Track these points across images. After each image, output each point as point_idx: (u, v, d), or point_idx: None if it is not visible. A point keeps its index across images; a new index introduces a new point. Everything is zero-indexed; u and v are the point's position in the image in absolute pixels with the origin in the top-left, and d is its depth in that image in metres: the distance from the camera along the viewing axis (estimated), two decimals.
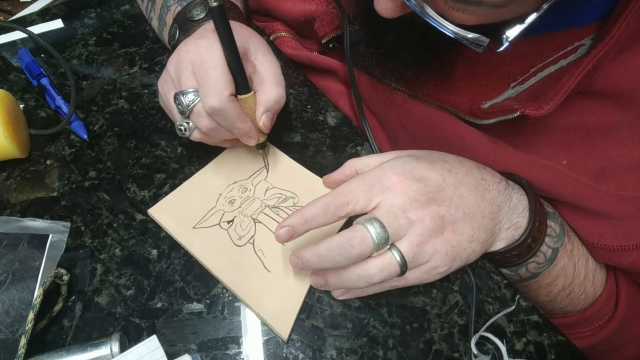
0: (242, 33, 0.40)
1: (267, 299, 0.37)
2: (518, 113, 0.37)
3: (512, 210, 0.37)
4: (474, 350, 0.34)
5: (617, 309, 0.41)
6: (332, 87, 0.53)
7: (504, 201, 0.37)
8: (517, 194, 0.38)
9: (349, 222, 0.37)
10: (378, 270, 0.32)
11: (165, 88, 0.40)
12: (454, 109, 0.43)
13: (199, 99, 0.37)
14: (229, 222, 0.41)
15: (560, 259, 0.39)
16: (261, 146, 0.42)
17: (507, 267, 0.40)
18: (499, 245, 0.38)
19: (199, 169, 0.44)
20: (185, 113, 0.38)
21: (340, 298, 0.37)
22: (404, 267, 0.33)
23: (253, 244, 0.40)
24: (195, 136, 0.40)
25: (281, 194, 0.43)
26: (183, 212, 0.41)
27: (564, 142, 0.39)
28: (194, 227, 0.40)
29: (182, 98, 0.37)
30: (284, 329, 0.35)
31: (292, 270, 0.38)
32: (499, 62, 0.41)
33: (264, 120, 0.39)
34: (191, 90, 0.37)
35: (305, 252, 0.34)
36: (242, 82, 0.37)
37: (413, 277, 0.34)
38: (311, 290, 0.38)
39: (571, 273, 0.40)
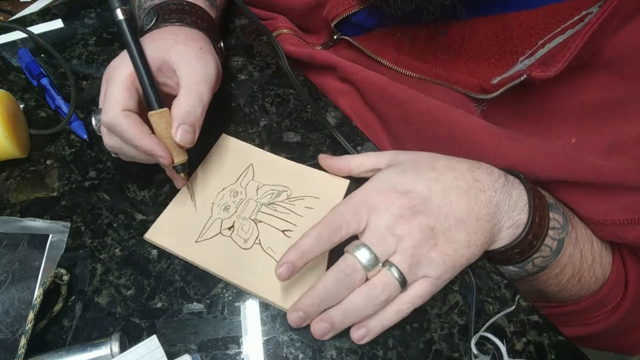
0: (165, 41, 0.38)
1: (289, 292, 0.37)
2: (524, 77, 0.36)
3: (513, 207, 0.37)
4: (474, 350, 0.34)
5: (627, 289, 0.41)
6: (331, 85, 0.53)
7: (503, 199, 0.37)
8: (517, 189, 0.38)
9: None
10: (381, 288, 0.33)
11: None
12: (464, 88, 0.43)
13: None
14: (229, 228, 0.41)
15: (566, 249, 0.38)
16: (181, 169, 0.38)
17: (511, 264, 0.39)
18: (500, 244, 0.38)
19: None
20: (97, 131, 0.38)
21: (363, 342, 0.35)
22: (401, 279, 0.33)
23: (260, 243, 0.40)
24: (120, 156, 0.40)
25: (273, 189, 0.43)
26: (181, 229, 0.40)
27: (572, 120, 0.39)
28: (196, 242, 0.40)
29: (92, 117, 0.37)
30: None
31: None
32: (507, 37, 0.40)
33: (179, 136, 0.35)
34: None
35: (304, 300, 0.34)
36: (151, 98, 0.36)
37: (422, 290, 0.34)
38: None
39: (579, 259, 0.39)
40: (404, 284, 0.33)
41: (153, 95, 0.36)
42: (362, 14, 0.48)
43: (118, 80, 0.35)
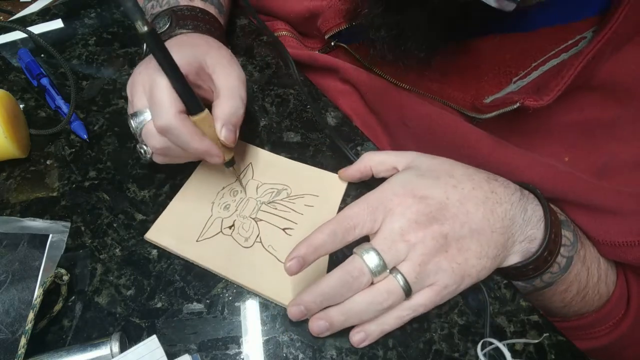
0: (197, 46, 0.39)
1: (290, 289, 0.37)
2: (518, 104, 0.36)
3: (527, 222, 0.36)
4: (481, 357, 0.34)
5: (629, 305, 0.41)
6: (332, 86, 0.53)
7: (518, 214, 0.36)
8: (531, 204, 0.37)
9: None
10: (385, 295, 0.32)
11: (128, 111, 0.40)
12: (456, 104, 0.43)
13: (149, 119, 0.36)
14: (230, 227, 0.41)
15: (574, 266, 0.38)
16: (229, 164, 0.41)
17: (521, 279, 0.39)
18: (513, 259, 0.37)
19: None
20: (137, 134, 0.37)
21: (361, 345, 0.35)
22: (407, 288, 0.32)
23: (261, 242, 0.40)
24: (156, 159, 0.39)
25: (273, 188, 0.43)
26: (181, 229, 0.40)
27: (565, 139, 0.39)
28: (197, 241, 0.40)
29: (131, 120, 0.37)
30: None
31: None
32: (501, 58, 0.40)
33: (224, 134, 0.37)
34: (144, 110, 0.37)
35: (306, 295, 0.34)
36: (191, 103, 0.36)
37: (425, 299, 0.34)
38: None
39: (585, 277, 0.39)
40: (409, 292, 0.33)
41: (193, 100, 0.36)
42: (352, 30, 0.49)
43: (162, 84, 0.35)
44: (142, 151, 0.39)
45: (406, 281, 0.32)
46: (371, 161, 0.41)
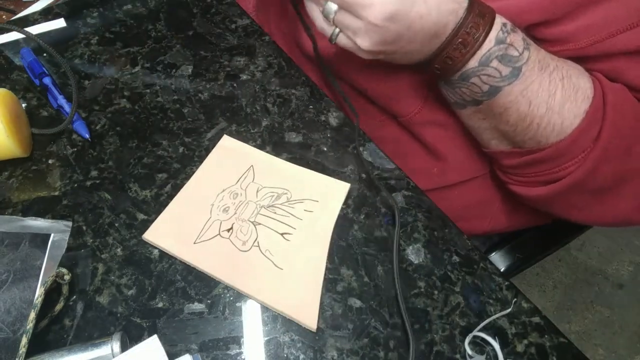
0: None
1: (286, 295, 0.37)
2: None
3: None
4: (469, 350, 0.34)
5: (600, 137, 0.38)
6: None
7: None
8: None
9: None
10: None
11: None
12: None
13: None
14: (228, 230, 0.41)
15: (515, 85, 0.37)
16: None
17: (448, 81, 0.39)
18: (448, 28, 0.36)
19: None
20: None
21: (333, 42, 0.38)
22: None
23: (258, 246, 0.40)
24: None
25: (273, 192, 0.43)
26: (179, 230, 0.40)
27: None
28: (194, 243, 0.40)
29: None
30: (310, 320, 0.36)
31: (304, 262, 0.39)
32: None
33: None
34: None
35: None
36: None
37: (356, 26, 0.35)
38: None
39: (527, 105, 0.38)
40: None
41: None
42: None
43: None
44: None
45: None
46: None
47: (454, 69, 0.37)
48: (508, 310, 0.37)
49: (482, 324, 0.36)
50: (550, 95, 0.38)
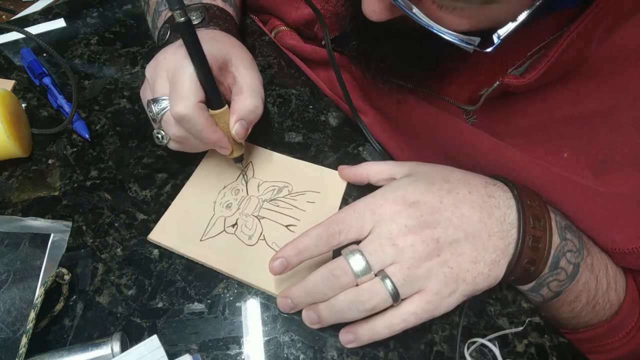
0: (225, 43, 0.39)
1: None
2: (497, 83, 0.36)
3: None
4: (469, 358, 0.34)
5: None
6: (334, 79, 0.52)
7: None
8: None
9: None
10: (368, 296, 0.32)
11: (143, 95, 0.40)
12: (453, 99, 0.43)
13: (169, 107, 0.36)
14: (233, 225, 0.41)
15: (582, 274, 0.37)
16: (238, 160, 0.42)
17: (521, 285, 0.38)
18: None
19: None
20: (156, 120, 0.37)
21: (350, 346, 0.35)
22: (394, 292, 0.32)
23: (265, 239, 0.40)
24: (172, 145, 0.39)
25: (274, 186, 0.44)
26: (184, 229, 0.40)
27: (564, 133, 0.38)
28: (201, 240, 0.40)
29: (152, 106, 0.37)
30: None
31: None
32: (497, 50, 0.40)
33: (237, 129, 0.38)
34: (164, 97, 0.37)
35: (293, 289, 0.34)
36: (214, 97, 0.36)
37: (416, 307, 0.32)
38: None
39: (594, 286, 0.38)
40: (396, 296, 0.32)
41: (217, 95, 0.37)
42: (347, 35, 0.49)
43: (188, 73, 0.35)
44: (160, 137, 0.39)
45: (392, 283, 0.32)
46: (370, 169, 0.41)
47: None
48: (520, 329, 0.36)
49: (489, 336, 0.35)
50: (606, 269, 0.39)
